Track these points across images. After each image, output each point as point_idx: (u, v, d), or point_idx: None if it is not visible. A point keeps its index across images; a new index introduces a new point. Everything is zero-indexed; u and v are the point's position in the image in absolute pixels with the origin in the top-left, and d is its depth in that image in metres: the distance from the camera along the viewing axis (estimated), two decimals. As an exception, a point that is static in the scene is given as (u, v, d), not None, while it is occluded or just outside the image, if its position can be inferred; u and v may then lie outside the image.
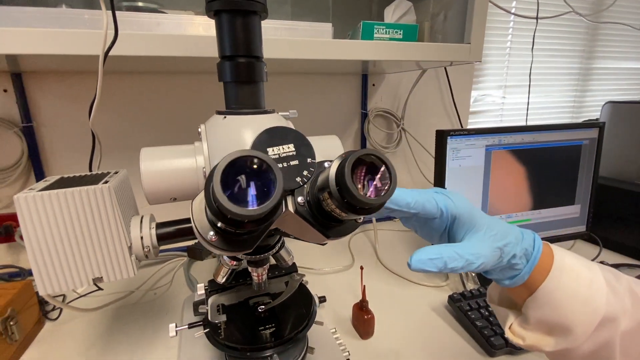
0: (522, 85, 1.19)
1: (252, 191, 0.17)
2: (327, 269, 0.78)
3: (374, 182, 0.19)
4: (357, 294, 0.58)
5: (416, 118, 1.05)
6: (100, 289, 0.66)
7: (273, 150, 0.22)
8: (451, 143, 0.67)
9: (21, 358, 0.54)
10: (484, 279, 0.72)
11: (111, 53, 0.40)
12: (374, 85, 0.98)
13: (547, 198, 0.75)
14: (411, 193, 0.31)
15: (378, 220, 0.99)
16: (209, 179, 0.17)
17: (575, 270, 0.30)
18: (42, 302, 0.62)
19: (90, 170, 0.57)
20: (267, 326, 0.38)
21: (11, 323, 0.53)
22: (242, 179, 0.17)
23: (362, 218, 0.24)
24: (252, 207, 0.17)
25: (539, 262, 0.31)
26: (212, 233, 0.20)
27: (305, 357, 0.39)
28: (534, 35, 1.10)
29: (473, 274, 0.74)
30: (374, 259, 0.83)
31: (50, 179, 0.41)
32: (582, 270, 0.30)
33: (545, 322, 0.30)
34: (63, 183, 0.39)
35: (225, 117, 0.30)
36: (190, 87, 0.78)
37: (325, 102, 0.93)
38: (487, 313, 0.59)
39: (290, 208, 0.22)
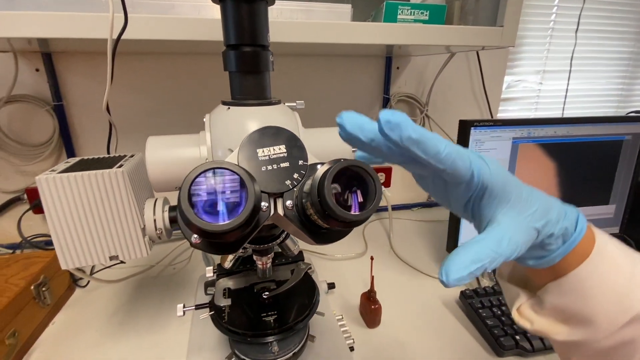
0: (562, 70, 1.10)
1: (221, 206, 0.17)
2: (338, 256, 0.78)
3: (358, 197, 0.18)
4: (367, 282, 0.58)
5: (442, 104, 1.00)
6: (122, 262, 0.70)
7: (263, 151, 0.22)
8: (475, 134, 0.63)
9: (53, 320, 0.59)
10: (500, 276, 0.69)
11: (125, 36, 0.41)
12: (398, 68, 0.93)
13: (579, 197, 0.70)
14: (444, 141, 0.22)
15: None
16: (179, 192, 0.17)
17: (616, 260, 0.26)
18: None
19: (108, 152, 0.59)
20: (269, 313, 0.39)
21: (43, 289, 0.57)
22: (212, 192, 0.16)
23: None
24: (222, 222, 0.16)
25: (576, 250, 0.26)
26: (195, 236, 0.20)
27: (305, 345, 0.40)
28: (579, 16, 0.99)
29: (489, 270, 0.72)
30: (387, 248, 0.83)
31: (71, 161, 0.43)
32: (625, 261, 0.26)
33: (564, 310, 0.27)
34: (82, 165, 0.41)
35: (229, 108, 0.30)
36: (209, 68, 0.79)
37: (345, 86, 0.91)
38: (499, 312, 0.57)
39: (280, 211, 0.22)
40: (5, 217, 0.79)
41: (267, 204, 0.21)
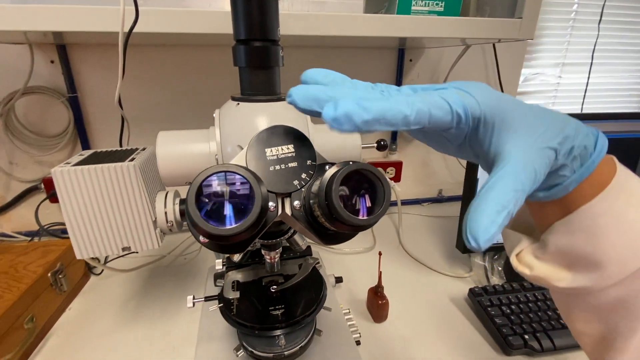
0: (583, 63, 1.06)
1: (227, 210, 0.17)
2: (346, 250, 0.78)
3: (366, 201, 0.18)
4: (374, 277, 0.58)
5: (455, 98, 0.97)
6: (135, 251, 0.72)
7: (271, 150, 0.21)
8: (488, 130, 0.62)
9: (69, 307, 0.61)
10: (511, 273, 0.68)
11: (136, 30, 0.41)
12: (411, 60, 0.91)
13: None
14: (407, 100, 0.19)
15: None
16: (186, 195, 0.17)
17: (638, 196, 0.22)
18: (87, 259, 0.69)
19: (121, 145, 0.60)
20: (277, 307, 0.39)
21: (60, 276, 0.59)
22: (219, 196, 0.16)
23: None
24: (229, 226, 0.16)
25: (592, 178, 0.22)
26: (202, 236, 0.20)
27: (311, 339, 0.40)
28: (603, 6, 0.95)
29: (499, 268, 0.71)
30: (395, 243, 0.82)
31: (85, 153, 0.44)
32: None
33: (569, 252, 0.23)
34: (96, 158, 0.42)
35: (238, 104, 0.30)
36: (220, 60, 0.78)
37: (356, 78, 0.89)
38: (508, 311, 0.57)
39: (287, 211, 0.22)
40: (23, 205, 0.81)
41: (274, 204, 0.21)
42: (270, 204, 0.20)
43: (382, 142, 0.38)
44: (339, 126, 0.18)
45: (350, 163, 0.19)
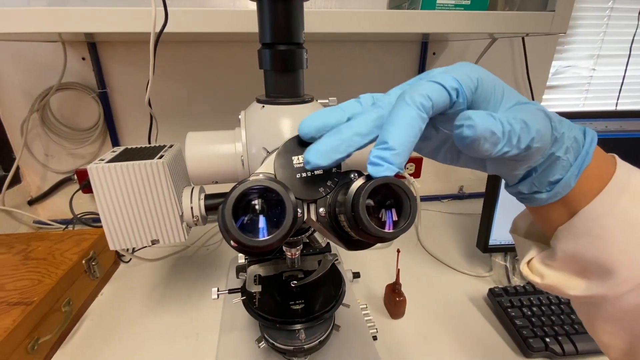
0: (620, 55, 1.00)
1: (261, 223, 0.17)
2: (365, 245, 0.79)
3: (392, 214, 0.18)
4: (392, 273, 0.59)
5: (480, 92, 0.94)
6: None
7: (298, 159, 0.22)
8: (514, 128, 0.60)
9: (101, 292, 0.65)
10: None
11: (165, 30, 0.42)
12: (434, 54, 0.89)
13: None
14: (397, 119, 0.19)
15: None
16: (222, 206, 0.18)
17: None
18: (116, 247, 0.72)
19: (149, 142, 0.63)
20: (297, 302, 0.40)
21: (93, 263, 0.63)
22: (253, 209, 0.17)
23: None
24: (262, 238, 0.17)
25: (592, 173, 0.21)
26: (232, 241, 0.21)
27: (330, 334, 0.41)
28: (646, -6, 0.89)
29: (520, 268, 0.69)
30: (414, 240, 0.82)
31: (117, 150, 0.46)
32: None
33: (578, 258, 0.22)
34: (126, 155, 0.44)
35: (263, 106, 0.30)
36: (246, 56, 0.79)
37: (378, 72, 0.88)
38: (529, 313, 0.56)
39: (313, 217, 0.22)
40: (58, 195, 0.86)
41: (300, 210, 0.21)
42: (298, 211, 0.21)
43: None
44: (388, 172, 0.19)
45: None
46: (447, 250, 0.77)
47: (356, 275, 0.65)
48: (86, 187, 0.81)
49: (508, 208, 0.64)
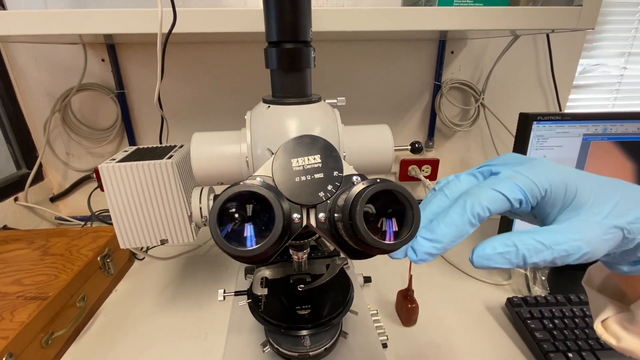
0: (656, 52, 0.94)
1: (248, 231, 0.16)
2: (377, 249, 0.77)
3: (393, 224, 0.17)
4: (404, 278, 0.57)
5: (500, 92, 0.91)
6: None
7: (297, 161, 0.21)
8: (537, 129, 0.57)
9: (115, 288, 0.67)
10: (555, 284, 0.63)
11: (174, 30, 0.42)
12: (452, 52, 0.86)
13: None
14: (452, 218, 0.21)
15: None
16: (209, 216, 0.17)
17: None
18: (131, 245, 0.74)
19: (160, 142, 0.63)
20: (303, 307, 0.39)
21: (108, 260, 0.64)
22: (241, 217, 0.16)
23: None
24: (249, 247, 0.16)
25: None
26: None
27: (337, 342, 0.40)
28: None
29: (543, 277, 0.66)
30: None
31: (129, 149, 0.47)
32: None
33: None
34: (137, 154, 0.44)
35: (269, 106, 0.30)
36: (254, 56, 0.79)
37: (393, 71, 0.86)
38: (550, 325, 0.53)
39: (312, 222, 0.21)
40: (78, 192, 0.89)
41: (299, 215, 0.20)
42: (295, 215, 0.20)
43: (416, 145, 0.37)
44: (422, 260, 0.22)
45: (378, 181, 0.18)
46: (463, 256, 0.74)
47: (367, 279, 0.64)
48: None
49: (529, 214, 0.61)
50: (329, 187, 0.21)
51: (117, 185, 0.41)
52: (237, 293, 0.44)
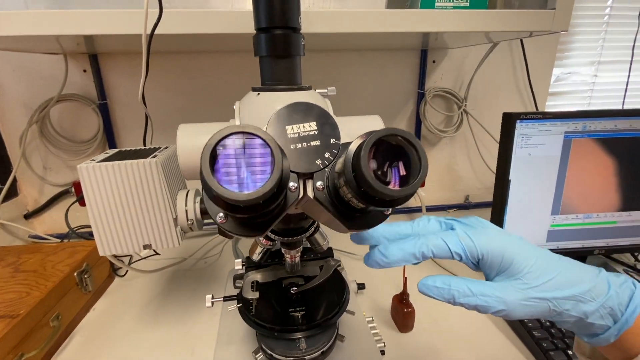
0: (622, 61, 0.99)
1: (245, 173, 0.15)
2: (369, 256, 0.75)
3: (399, 170, 0.16)
4: (398, 284, 0.55)
5: (482, 99, 0.94)
6: (157, 253, 0.73)
7: (292, 128, 0.20)
8: (521, 128, 0.58)
9: (93, 307, 0.62)
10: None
11: (161, 31, 0.41)
12: (434, 62, 0.89)
13: (642, 198, 0.63)
14: (416, 244, 0.27)
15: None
16: (201, 157, 0.16)
17: None
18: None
19: (144, 144, 0.61)
20: (297, 308, 0.37)
21: (85, 276, 0.60)
22: (236, 158, 0.15)
23: (389, 209, 0.21)
24: (246, 191, 0.15)
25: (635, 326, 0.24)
26: (221, 214, 0.19)
27: (334, 345, 0.38)
28: (644, -2, 0.89)
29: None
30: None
31: (110, 152, 0.45)
32: None
33: None
34: (119, 156, 0.42)
35: (258, 94, 0.29)
36: (236, 65, 0.79)
37: (378, 81, 0.88)
38: (548, 324, 0.52)
39: (310, 193, 0.20)
40: (55, 208, 0.85)
41: (295, 184, 0.19)
42: (292, 184, 0.19)
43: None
44: (371, 265, 0.29)
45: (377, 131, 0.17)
46: (455, 260, 0.74)
47: (361, 286, 0.62)
48: (83, 199, 0.79)
49: (517, 213, 0.62)
50: (326, 155, 0.20)
51: (97, 187, 0.39)
52: (227, 298, 0.41)
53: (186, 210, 0.43)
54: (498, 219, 0.63)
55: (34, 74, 0.75)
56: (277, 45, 0.28)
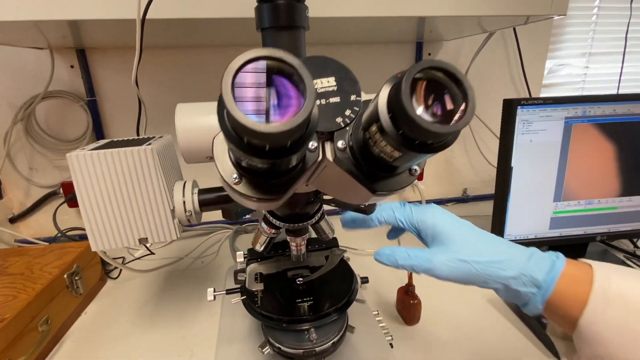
0: (614, 52, 1.01)
1: (273, 100, 0.13)
2: (370, 250, 0.74)
3: (444, 104, 0.15)
4: (402, 277, 0.54)
5: (477, 91, 0.92)
6: (152, 253, 0.70)
7: (309, 82, 0.18)
8: (522, 114, 0.58)
9: (85, 310, 0.59)
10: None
11: (156, 16, 0.40)
12: (429, 54, 0.89)
13: (641, 183, 0.63)
14: (376, 214, 0.35)
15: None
16: (222, 83, 0.14)
17: (625, 297, 0.25)
18: (104, 262, 0.67)
19: (138, 134, 0.59)
20: (304, 299, 0.36)
21: (76, 278, 0.57)
22: (260, 86, 0.13)
23: (417, 169, 0.20)
24: (274, 122, 0.13)
25: (573, 290, 0.27)
26: (235, 175, 0.17)
27: (344, 336, 0.36)
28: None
29: None
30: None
31: (102, 142, 0.42)
32: (638, 295, 0.25)
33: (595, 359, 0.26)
34: (112, 145, 0.40)
35: (262, 67, 0.27)
36: (230, 60, 0.78)
37: (373, 74, 0.87)
38: (556, 310, 0.51)
39: (329, 155, 0.19)
40: (42, 211, 0.81)
41: (315, 144, 0.18)
42: (311, 143, 0.17)
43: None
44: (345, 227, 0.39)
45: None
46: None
47: (364, 280, 0.60)
48: (72, 200, 0.76)
49: (520, 201, 0.61)
50: (347, 113, 0.19)
51: (89, 177, 0.37)
52: (229, 291, 0.39)
53: (184, 202, 0.41)
54: (501, 208, 0.62)
55: (19, 70, 0.71)
56: (281, 15, 0.27)
